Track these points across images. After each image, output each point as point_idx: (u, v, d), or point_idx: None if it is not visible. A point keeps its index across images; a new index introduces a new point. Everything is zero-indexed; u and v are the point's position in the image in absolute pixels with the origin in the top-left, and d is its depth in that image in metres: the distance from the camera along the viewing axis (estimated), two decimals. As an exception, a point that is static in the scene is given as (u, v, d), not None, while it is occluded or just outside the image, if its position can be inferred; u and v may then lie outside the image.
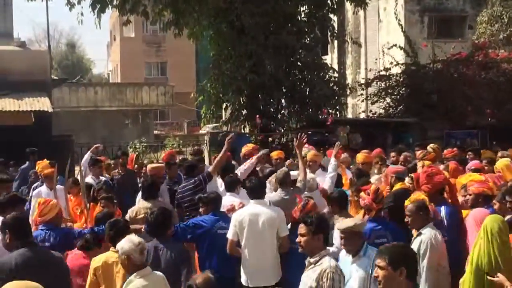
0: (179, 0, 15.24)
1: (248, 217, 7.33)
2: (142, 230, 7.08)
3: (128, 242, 5.63)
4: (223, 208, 7.93)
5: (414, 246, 6.19)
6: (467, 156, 11.91)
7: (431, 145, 12.48)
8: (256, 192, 7.62)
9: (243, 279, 7.33)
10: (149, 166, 10.51)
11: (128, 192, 10.72)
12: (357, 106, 24.83)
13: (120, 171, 12.02)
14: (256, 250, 7.26)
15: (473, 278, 5.41)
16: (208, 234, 7.32)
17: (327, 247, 5.70)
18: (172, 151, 13.04)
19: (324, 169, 10.55)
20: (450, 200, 7.48)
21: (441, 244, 6.31)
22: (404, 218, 6.65)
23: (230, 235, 7.32)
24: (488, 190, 7.30)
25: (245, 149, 11.67)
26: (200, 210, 7.73)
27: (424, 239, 6.27)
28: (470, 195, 7.36)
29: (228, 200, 8.32)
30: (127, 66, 54.96)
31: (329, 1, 18.87)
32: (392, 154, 11.96)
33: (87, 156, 11.88)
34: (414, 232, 6.56)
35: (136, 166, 12.42)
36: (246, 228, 7.25)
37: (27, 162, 14.02)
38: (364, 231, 6.15)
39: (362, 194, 7.04)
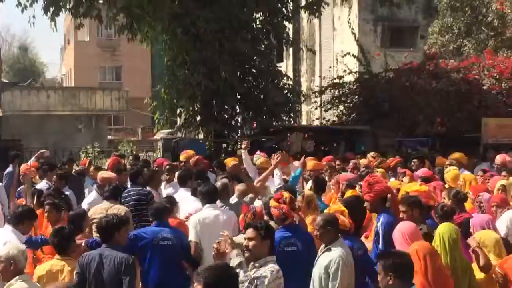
0: (133, 5, 15.10)
1: (207, 220, 7.46)
2: (82, 245, 6.85)
3: (13, 247, 5.53)
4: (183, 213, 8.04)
5: (323, 261, 5.97)
6: (412, 164, 12.12)
7: (370, 153, 12.71)
8: (210, 197, 7.77)
9: None
10: (99, 175, 10.34)
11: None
12: (311, 113, 25.02)
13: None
14: None
15: None
16: (149, 246, 7.03)
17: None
18: (115, 159, 12.81)
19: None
20: (392, 210, 7.25)
21: (352, 264, 6.02)
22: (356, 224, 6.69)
23: (192, 237, 7.40)
24: (426, 201, 7.29)
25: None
26: None
27: (334, 257, 5.92)
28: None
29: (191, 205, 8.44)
30: (81, 70, 54.23)
31: (284, 9, 19.02)
32: (337, 162, 12.01)
33: (31, 162, 11.81)
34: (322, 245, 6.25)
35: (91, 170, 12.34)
36: (205, 230, 7.34)
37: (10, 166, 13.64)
38: (275, 239, 5.99)
39: (273, 203, 6.70)
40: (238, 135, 18.82)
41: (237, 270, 5.09)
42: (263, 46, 18.68)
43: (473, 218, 6.86)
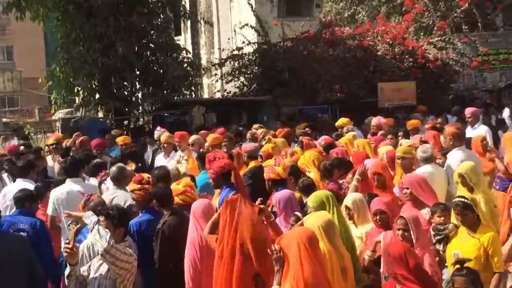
0: (20, -19, 14.47)
1: (65, 194, 7.62)
2: None
3: None
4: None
5: None
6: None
7: (254, 125, 12.89)
8: (72, 171, 8.02)
9: None
10: None
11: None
12: (212, 86, 24.93)
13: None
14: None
15: None
16: None
17: None
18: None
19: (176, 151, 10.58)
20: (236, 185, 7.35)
21: None
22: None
23: (49, 211, 7.71)
24: (275, 176, 7.42)
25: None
26: None
27: None
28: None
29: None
30: (-31, 51, 51.65)
31: (179, -18, 18.74)
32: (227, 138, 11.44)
33: None
34: None
35: None
36: (64, 204, 7.46)
37: None
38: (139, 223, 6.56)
39: (135, 186, 6.90)
40: (140, 111, 18.54)
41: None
42: (159, 20, 18.37)
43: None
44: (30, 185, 8.25)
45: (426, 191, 6.77)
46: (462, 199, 5.98)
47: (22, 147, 12.05)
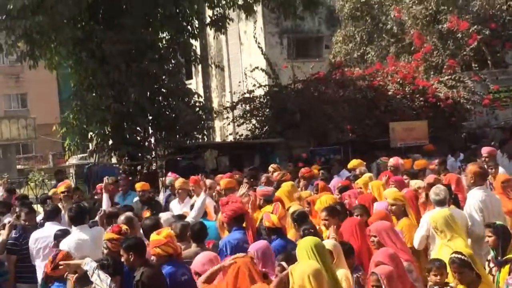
0: (33, 31, 14.69)
1: (74, 243, 7.58)
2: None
3: None
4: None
5: None
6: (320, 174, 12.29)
7: (272, 165, 12.84)
8: (78, 219, 7.98)
9: None
10: None
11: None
12: (224, 129, 25.07)
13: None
14: None
15: None
16: None
17: None
18: None
19: (191, 197, 10.53)
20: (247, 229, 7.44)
21: None
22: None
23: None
24: (270, 224, 7.32)
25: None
26: None
27: None
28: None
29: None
30: (-16, 99, 52.32)
31: (189, 27, 18.99)
32: (245, 180, 11.61)
33: None
34: None
35: None
36: (73, 253, 7.29)
37: None
38: None
39: (112, 235, 6.83)
40: (153, 156, 18.61)
41: None
42: (171, 65, 18.56)
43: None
44: (58, 228, 8.46)
45: (395, 240, 6.52)
46: (459, 255, 5.57)
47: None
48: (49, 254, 7.95)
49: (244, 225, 7.46)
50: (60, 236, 7.90)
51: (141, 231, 7.69)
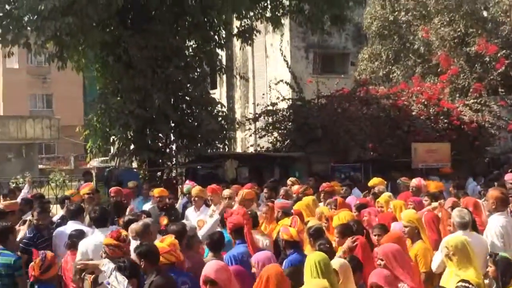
0: (63, 33, 14.85)
1: (93, 245, 7.56)
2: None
3: None
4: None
5: None
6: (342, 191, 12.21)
7: (290, 178, 12.79)
8: (101, 221, 8.08)
9: None
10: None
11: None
12: (246, 140, 25.11)
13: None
14: None
15: None
16: None
17: None
18: None
19: (208, 205, 10.54)
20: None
21: None
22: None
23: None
24: (288, 237, 7.33)
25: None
26: None
27: None
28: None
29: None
30: (10, 98, 52.84)
31: (216, 37, 19.10)
32: (265, 190, 11.80)
33: None
34: None
35: None
36: (92, 255, 7.40)
37: None
38: None
39: (111, 241, 6.79)
40: (173, 163, 18.67)
41: None
42: (196, 73, 18.67)
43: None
44: (80, 226, 8.56)
45: (402, 264, 6.24)
46: (465, 284, 5.43)
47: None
48: (64, 252, 8.14)
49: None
50: (74, 236, 7.94)
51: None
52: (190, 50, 18.85)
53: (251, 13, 19.05)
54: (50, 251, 8.40)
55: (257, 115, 20.91)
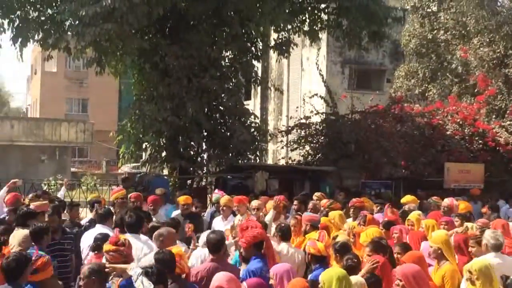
0: (102, 39, 15.07)
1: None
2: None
3: None
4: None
5: None
6: (375, 208, 12.14)
7: (316, 193, 12.73)
8: (134, 227, 8.12)
9: None
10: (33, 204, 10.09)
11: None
12: (277, 152, 25.09)
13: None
14: None
15: None
16: None
17: None
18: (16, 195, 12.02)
19: (235, 215, 10.55)
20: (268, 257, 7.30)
21: None
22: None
23: None
24: (315, 251, 7.28)
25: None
26: None
27: None
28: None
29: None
30: (47, 101, 53.80)
31: (253, 48, 19.18)
32: (295, 202, 11.78)
33: (2, 192, 11.46)
34: None
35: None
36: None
37: None
38: None
39: (110, 247, 6.69)
40: (204, 172, 18.74)
41: None
42: (231, 84, 18.75)
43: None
44: (108, 231, 8.58)
45: (421, 286, 6.05)
46: None
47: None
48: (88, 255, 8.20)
49: (262, 251, 7.25)
50: (99, 239, 7.90)
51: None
52: (227, 61, 18.94)
53: (289, 26, 19.09)
54: (61, 254, 8.57)
55: (289, 128, 20.90)
